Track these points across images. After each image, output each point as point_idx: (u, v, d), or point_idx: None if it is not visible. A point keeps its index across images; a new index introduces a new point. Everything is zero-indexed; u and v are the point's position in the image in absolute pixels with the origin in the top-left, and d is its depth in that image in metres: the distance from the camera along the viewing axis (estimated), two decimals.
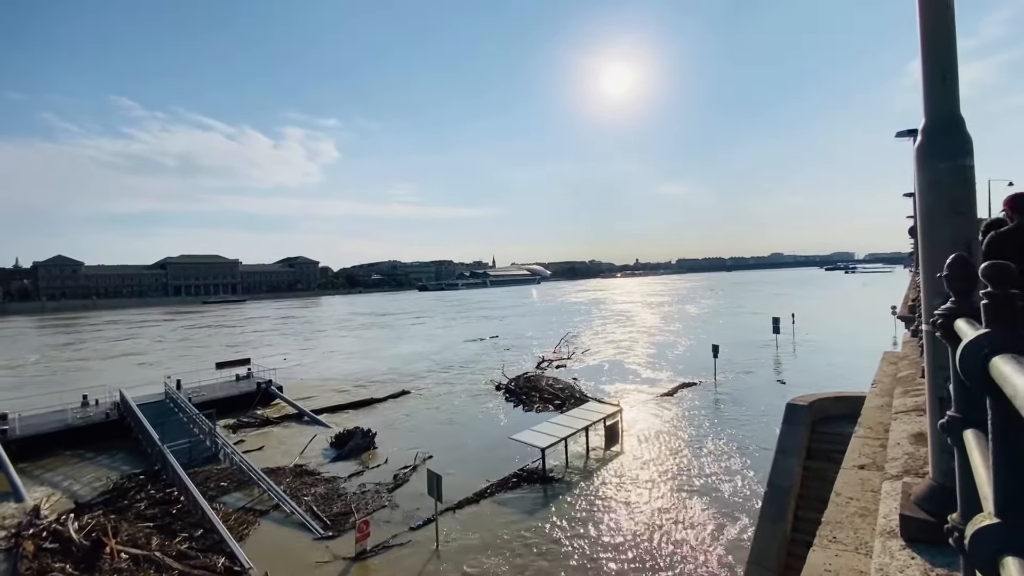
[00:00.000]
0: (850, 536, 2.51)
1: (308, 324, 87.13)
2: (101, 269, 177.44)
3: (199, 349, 57.54)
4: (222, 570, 12.22)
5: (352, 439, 21.28)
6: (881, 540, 1.98)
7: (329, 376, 38.14)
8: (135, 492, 17.40)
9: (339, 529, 14.38)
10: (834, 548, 2.41)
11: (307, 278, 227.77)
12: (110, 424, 24.00)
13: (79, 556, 13.07)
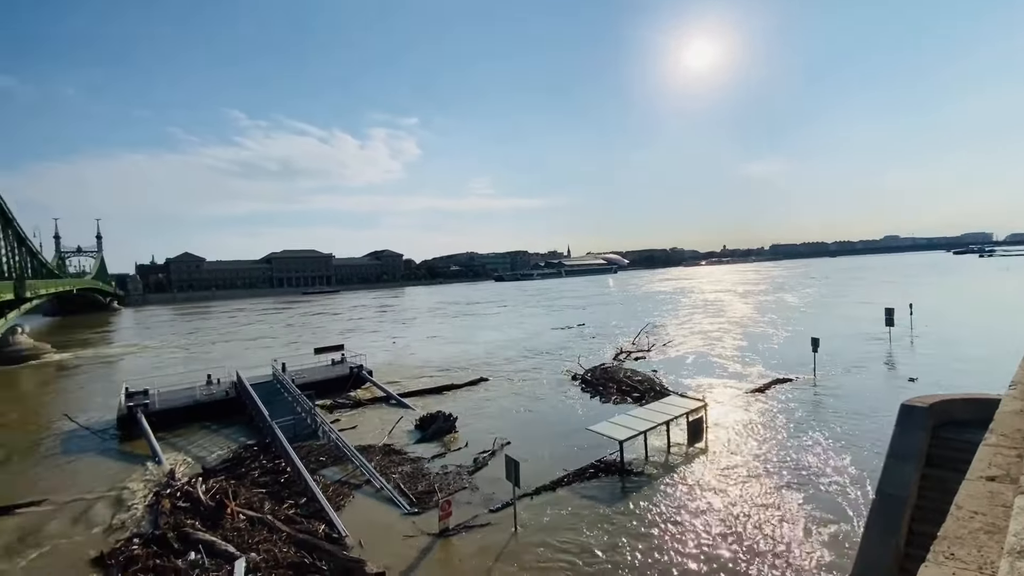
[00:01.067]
0: (972, 554, 2.19)
1: (403, 312, 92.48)
2: (219, 264, 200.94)
3: (304, 335, 63.35)
4: (323, 536, 13.45)
5: (435, 422, 22.35)
6: (1009, 560, 1.72)
7: (427, 360, 40.39)
8: (250, 461, 19.66)
9: (423, 506, 15.22)
10: (951, 565, 2.13)
11: (392, 270, 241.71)
12: (229, 401, 27.27)
13: (206, 514, 15.06)
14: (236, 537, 13.64)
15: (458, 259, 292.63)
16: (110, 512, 16.24)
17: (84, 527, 15.35)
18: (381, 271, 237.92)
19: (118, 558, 13.08)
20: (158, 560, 12.83)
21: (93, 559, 13.30)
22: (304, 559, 12.35)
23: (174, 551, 13.19)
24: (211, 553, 12.97)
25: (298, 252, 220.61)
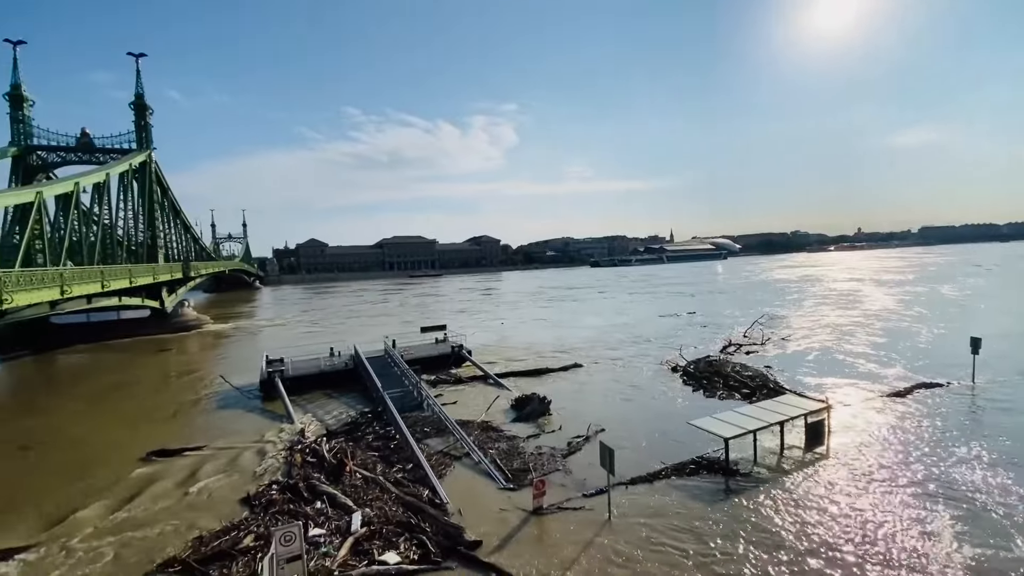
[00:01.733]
0: None
1: (506, 296, 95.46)
2: (339, 249, 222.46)
3: (411, 314, 68.07)
4: (427, 500, 14.41)
5: (530, 404, 22.72)
6: None
7: (529, 343, 41.28)
8: (365, 427, 21.65)
9: (518, 483, 15.59)
10: None
11: (490, 255, 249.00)
12: (348, 371, 30.21)
13: (329, 470, 16.90)
14: (353, 493, 15.14)
15: (554, 244, 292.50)
16: (254, 460, 18.94)
17: (234, 470, 18.08)
18: (480, 256, 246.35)
19: (260, 500, 15.23)
20: (291, 505, 14.71)
21: (242, 498, 15.62)
22: (410, 519, 13.34)
23: (304, 499, 15.02)
24: (333, 504, 14.56)
25: (406, 238, 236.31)
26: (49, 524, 14.72)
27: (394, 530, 13.00)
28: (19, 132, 57.56)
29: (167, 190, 72.96)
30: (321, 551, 12.19)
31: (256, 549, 12.41)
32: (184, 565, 12.03)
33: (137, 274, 50.73)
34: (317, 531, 13.07)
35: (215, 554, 12.39)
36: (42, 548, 13.33)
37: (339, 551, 12.14)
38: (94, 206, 54.20)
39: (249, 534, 13.18)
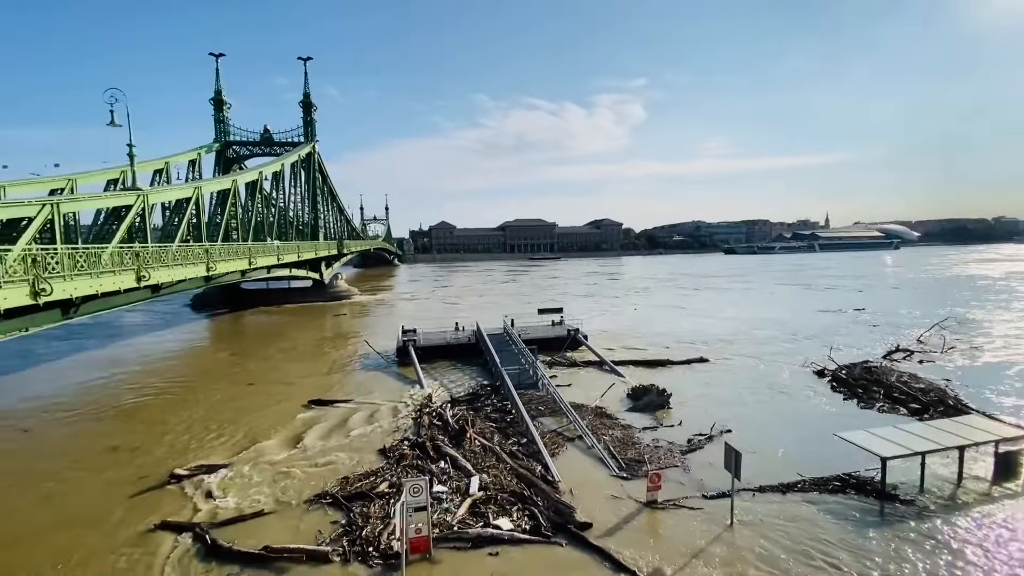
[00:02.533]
0: None
1: (634, 281, 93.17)
2: (465, 231, 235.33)
3: (535, 296, 69.86)
4: (539, 475, 14.86)
5: (647, 394, 21.96)
6: None
7: (660, 331, 39.74)
8: (484, 399, 22.92)
9: (632, 473, 15.26)
10: None
11: (611, 239, 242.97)
12: (470, 346, 32.15)
13: (452, 435, 18.26)
14: (472, 458, 16.20)
15: (682, 228, 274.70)
16: (389, 417, 21.25)
17: (374, 424, 20.49)
18: (600, 240, 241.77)
19: (394, 453, 17.08)
20: (419, 461, 16.26)
21: (379, 449, 17.68)
22: (523, 491, 13.89)
23: (430, 457, 16.49)
24: (454, 466, 15.76)
25: (527, 221, 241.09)
26: (240, 449, 18.28)
27: (508, 498, 13.66)
28: (221, 131, 70.31)
29: (326, 177, 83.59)
30: (443, 506, 13.32)
31: (389, 495, 13.99)
32: (333, 499, 14.07)
33: (303, 250, 59.37)
34: (440, 488, 14.28)
35: (357, 494, 14.26)
36: (234, 467, 16.60)
37: (459, 509, 13.14)
38: (272, 191, 64.39)
39: (384, 481, 14.90)
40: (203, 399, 24.85)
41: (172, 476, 15.84)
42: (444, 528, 12.29)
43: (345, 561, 11.36)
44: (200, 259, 31.82)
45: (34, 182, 29.20)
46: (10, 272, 16.40)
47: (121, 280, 22.73)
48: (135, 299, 26.28)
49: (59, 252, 19.05)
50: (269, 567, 11.29)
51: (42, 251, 18.27)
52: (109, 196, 29.79)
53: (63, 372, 30.95)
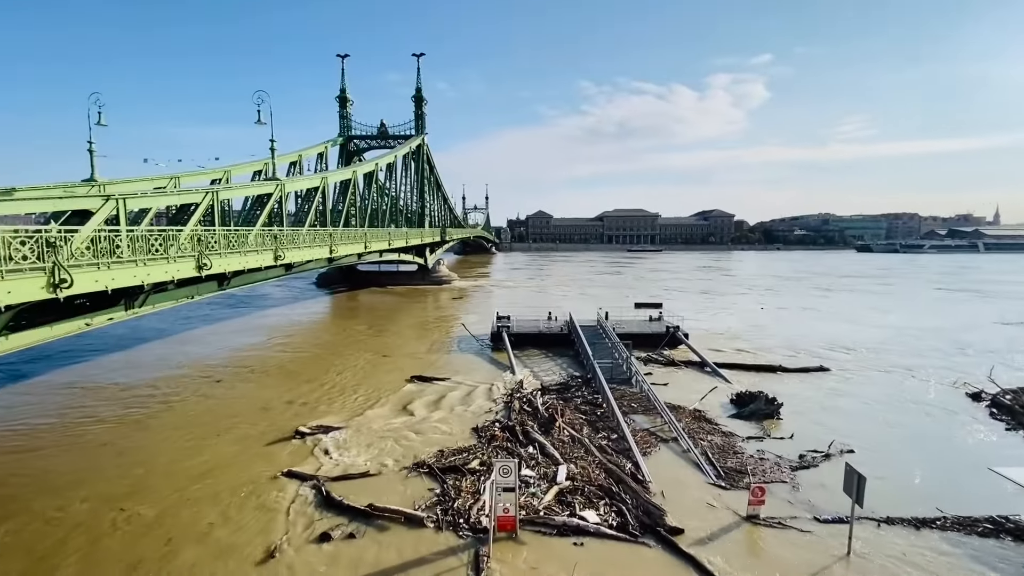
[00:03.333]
0: None
1: (752, 279, 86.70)
2: (562, 221, 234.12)
3: (635, 289, 67.95)
4: (629, 473, 14.50)
5: (754, 401, 20.29)
6: None
7: (780, 335, 36.55)
8: (575, 390, 22.83)
9: (731, 483, 14.27)
10: None
11: (720, 231, 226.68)
12: (562, 336, 32.14)
13: (541, 422, 18.48)
14: (560, 447, 16.28)
15: (806, 221, 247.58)
16: (482, 398, 22.07)
17: (467, 403, 21.45)
18: (707, 232, 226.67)
19: (486, 433, 17.76)
20: (508, 444, 16.72)
21: (472, 428, 18.50)
22: (612, 487, 13.66)
23: (519, 441, 16.88)
24: (542, 452, 15.96)
25: (627, 211, 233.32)
26: (353, 415, 20.26)
27: (595, 492, 13.53)
28: (344, 126, 77.15)
29: (433, 167, 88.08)
30: (530, 490, 13.59)
31: (480, 473, 14.60)
32: (429, 469, 15.04)
33: (410, 236, 63.45)
34: (528, 472, 14.57)
35: (450, 467, 15.08)
36: (347, 430, 18.44)
37: (546, 495, 13.32)
38: (386, 181, 69.45)
39: (475, 458, 15.58)
40: (327, 366, 27.86)
41: (297, 432, 18.05)
42: (530, 511, 12.54)
43: (438, 528, 12.12)
44: (325, 242, 35.46)
45: (200, 173, 34.48)
46: (182, 249, 19.66)
47: (262, 258, 26.12)
48: (272, 275, 30.06)
49: (216, 233, 22.40)
50: (371, 523, 12.43)
51: (204, 232, 21.61)
52: (254, 185, 34.21)
53: (229, 335, 36.59)
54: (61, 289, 13.89)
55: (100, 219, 16.62)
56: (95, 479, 14.84)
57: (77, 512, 12.99)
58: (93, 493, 13.97)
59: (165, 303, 21.27)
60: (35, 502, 13.45)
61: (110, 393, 23.06)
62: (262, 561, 11.09)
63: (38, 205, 17.87)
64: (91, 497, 13.75)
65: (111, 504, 13.34)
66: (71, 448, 17.17)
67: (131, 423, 19.44)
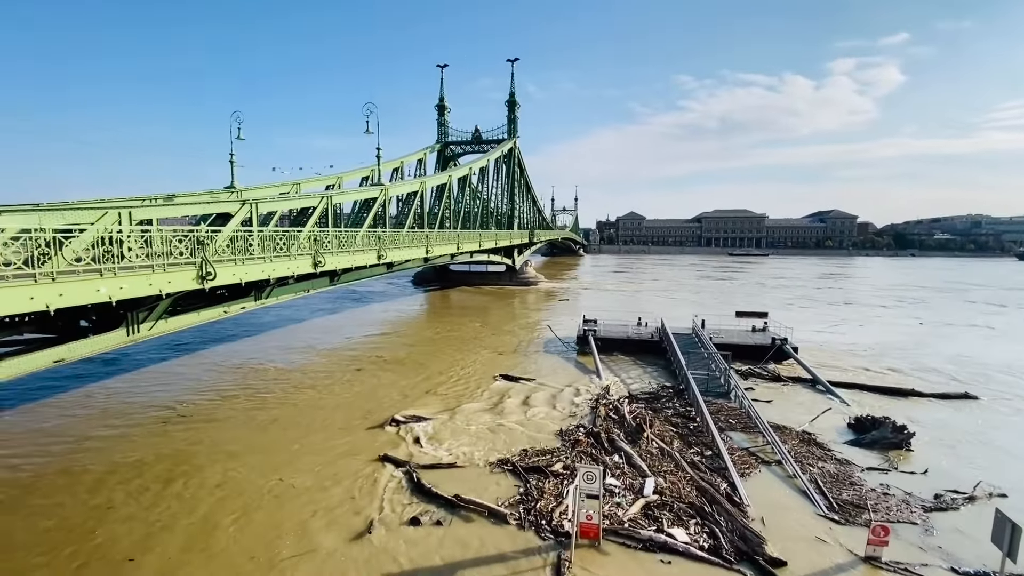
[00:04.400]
0: None
1: (895, 289, 77.07)
2: (655, 222, 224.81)
3: (737, 296, 63.59)
4: (724, 493, 13.50)
5: (878, 428, 17.89)
6: None
7: (921, 354, 32.30)
8: (665, 400, 21.80)
9: (846, 518, 12.71)
10: None
11: (839, 234, 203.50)
12: (653, 343, 30.84)
13: (628, 431, 17.88)
14: (648, 459, 15.63)
15: (949, 224, 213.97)
16: (567, 401, 21.90)
17: (551, 405, 21.40)
18: (824, 235, 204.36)
19: (569, 437, 17.59)
20: (593, 450, 16.41)
21: (556, 431, 18.42)
22: (704, 506, 12.82)
23: (604, 449, 16.50)
24: (628, 462, 15.44)
25: (729, 212, 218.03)
26: (446, 406, 21.22)
27: (685, 509, 12.80)
28: (441, 133, 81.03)
29: (524, 170, 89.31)
30: (615, 500, 13.21)
31: (563, 476, 14.50)
32: (512, 467, 15.24)
33: (499, 238, 64.93)
34: (612, 481, 14.17)
35: (533, 467, 15.16)
36: (437, 421, 19.33)
37: (631, 507, 12.86)
38: (479, 185, 71.77)
39: (559, 461, 15.49)
40: (421, 360, 29.48)
41: (392, 420, 19.28)
42: (614, 521, 12.19)
43: (520, 526, 12.24)
44: (421, 243, 37.54)
45: (317, 180, 38.26)
46: (301, 248, 21.95)
47: (367, 257, 28.30)
48: (376, 273, 32.46)
49: (329, 234, 24.68)
50: (457, 512, 12.90)
51: (320, 232, 23.92)
52: (362, 190, 37.18)
53: (348, 327, 40.33)
54: (207, 281, 16.20)
55: (237, 221, 19.11)
56: (261, 450, 16.91)
57: (240, 479, 14.98)
58: (259, 462, 15.97)
59: (286, 295, 23.87)
60: (207, 467, 15.72)
61: (273, 374, 26.20)
62: (357, 536, 12.01)
63: (191, 209, 21.03)
64: (257, 465, 15.72)
65: (270, 474, 15.13)
66: (247, 423, 19.61)
67: (290, 404, 21.67)
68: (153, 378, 25.23)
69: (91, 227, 13.47)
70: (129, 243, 14.48)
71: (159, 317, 16.96)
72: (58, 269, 11.94)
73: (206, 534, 12.15)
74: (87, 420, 19.54)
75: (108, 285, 13.06)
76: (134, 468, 15.47)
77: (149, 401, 21.71)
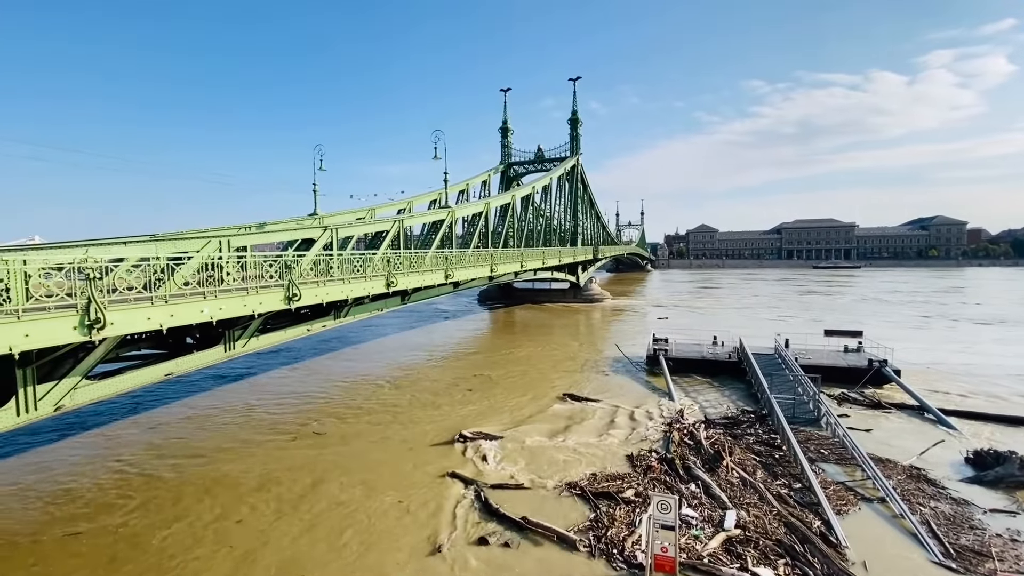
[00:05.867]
0: None
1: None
2: (729, 235, 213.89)
3: (816, 313, 58.82)
4: (817, 532, 12.24)
5: (1003, 464, 15.51)
6: None
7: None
8: (746, 426, 20.31)
9: (967, 567, 11.04)
10: None
11: (944, 243, 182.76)
12: (730, 364, 28.99)
13: (704, 458, 16.82)
14: (728, 489, 14.57)
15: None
16: (636, 424, 21.05)
17: (620, 428, 20.64)
18: (926, 244, 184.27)
19: (641, 463, 16.83)
20: (667, 477, 15.58)
21: (625, 455, 17.72)
22: (794, 545, 11.69)
23: (679, 477, 15.61)
24: (706, 492, 14.48)
25: (812, 222, 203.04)
26: (511, 425, 21.18)
27: (772, 547, 11.72)
28: (505, 154, 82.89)
29: (587, 186, 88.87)
30: (692, 532, 12.39)
31: (635, 503, 13.86)
32: (581, 492, 14.80)
33: (563, 255, 64.69)
34: (689, 511, 13.33)
35: (603, 493, 14.63)
36: (503, 440, 19.30)
37: (711, 540, 12.00)
38: (542, 203, 72.31)
39: (630, 488, 14.84)
40: (489, 376, 29.78)
41: (460, 436, 19.53)
42: (692, 555, 11.42)
43: (591, 555, 11.81)
44: (486, 262, 38.30)
45: (389, 205, 40.48)
46: (376, 269, 23.17)
47: (435, 277, 29.28)
48: (444, 292, 33.49)
49: (400, 255, 25.86)
50: (525, 535, 12.70)
51: (392, 254, 25.15)
52: (430, 213, 38.79)
53: (421, 344, 42.01)
54: (293, 301, 17.51)
55: (320, 245, 20.57)
56: (355, 467, 17.54)
57: (327, 491, 15.96)
58: (349, 479, 16.52)
59: (362, 314, 25.21)
60: (287, 478, 16.92)
61: (369, 391, 27.52)
62: (431, 553, 12.17)
63: (280, 236, 22.95)
64: (347, 483, 16.25)
65: (353, 489, 15.82)
66: (353, 440, 20.28)
67: (386, 423, 22.15)
68: (247, 391, 27.46)
69: (197, 254, 15.10)
70: (228, 268, 16.05)
71: (251, 335, 18.51)
72: (170, 292, 13.45)
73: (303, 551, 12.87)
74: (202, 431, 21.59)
75: (210, 306, 14.49)
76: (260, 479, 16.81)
77: (282, 416, 23.60)
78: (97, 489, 15.78)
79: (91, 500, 15.09)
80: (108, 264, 12.26)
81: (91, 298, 11.22)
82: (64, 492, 15.57)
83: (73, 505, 14.76)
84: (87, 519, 13.99)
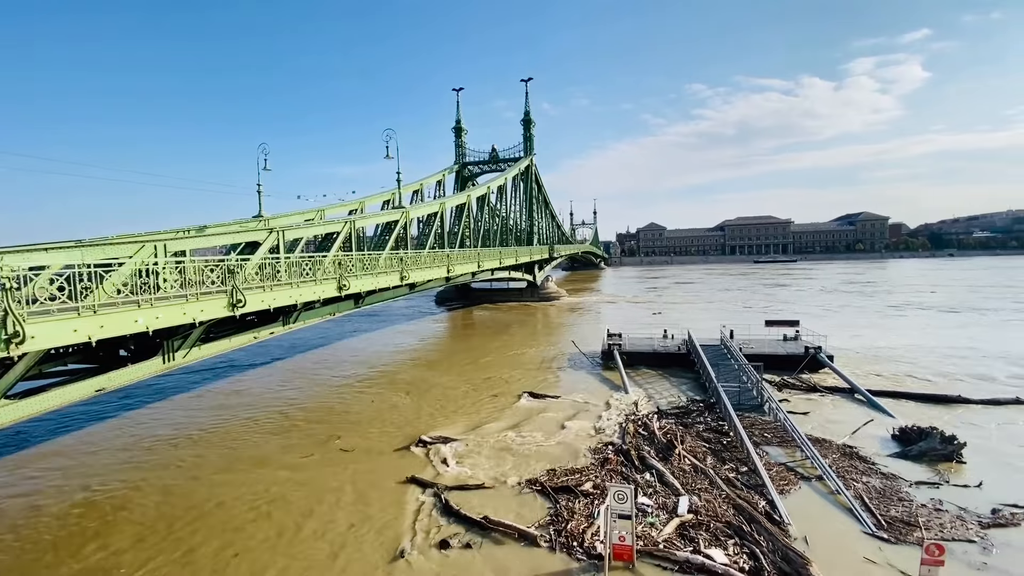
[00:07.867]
0: None
1: (968, 292, 75.23)
2: (676, 232, 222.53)
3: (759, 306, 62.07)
4: (762, 512, 12.97)
5: (925, 439, 17.01)
6: None
7: (965, 356, 31.14)
8: (696, 415, 21.22)
9: (897, 536, 12.03)
10: None
11: (870, 237, 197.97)
12: (680, 356, 30.19)
13: (658, 447, 17.44)
14: (681, 476, 15.18)
15: (986, 221, 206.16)
16: (594, 418, 21.51)
17: (578, 423, 21.00)
18: (854, 238, 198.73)
19: (598, 455, 17.24)
20: (623, 468, 16.04)
21: (583, 449, 18.06)
22: (742, 525, 12.33)
23: (635, 467, 16.10)
24: (660, 480, 15.02)
25: (752, 219, 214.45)
26: (472, 426, 21.10)
27: (723, 529, 12.32)
28: (459, 154, 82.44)
29: (541, 186, 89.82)
30: (648, 520, 12.82)
31: (593, 496, 14.18)
32: (541, 488, 14.98)
33: (520, 254, 65.13)
34: (645, 500, 13.78)
35: (562, 487, 14.87)
36: (463, 442, 19.21)
37: (665, 527, 12.45)
38: (497, 203, 72.46)
39: (588, 481, 15.17)
40: (445, 380, 29.51)
41: (420, 441, 19.27)
42: (648, 542, 11.81)
43: (552, 549, 11.97)
44: (443, 263, 37.95)
45: (340, 205, 39.27)
46: (326, 272, 22.45)
47: (390, 279, 28.73)
48: (399, 294, 32.88)
49: (353, 257, 25.18)
50: (487, 535, 12.70)
51: (344, 256, 24.44)
52: (384, 214, 37.93)
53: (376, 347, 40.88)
54: (237, 308, 16.67)
55: (265, 248, 19.68)
56: (315, 477, 17.31)
57: (287, 503, 15.27)
58: (308, 489, 16.32)
59: (313, 319, 24.35)
60: (245, 493, 16.07)
61: (326, 399, 26.84)
62: (392, 560, 11.95)
63: (222, 239, 21.78)
64: (307, 494, 16.05)
65: (312, 499, 15.43)
66: (313, 449, 20.22)
67: (345, 431, 22.28)
68: (173, 406, 25.92)
69: (129, 260, 14.08)
70: (164, 274, 15.08)
71: (193, 345, 17.48)
72: (99, 302, 12.48)
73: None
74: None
75: (145, 316, 13.56)
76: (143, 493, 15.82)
77: (154, 429, 22.27)
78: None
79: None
80: (27, 273, 11.24)
81: (7, 310, 10.25)
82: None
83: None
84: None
